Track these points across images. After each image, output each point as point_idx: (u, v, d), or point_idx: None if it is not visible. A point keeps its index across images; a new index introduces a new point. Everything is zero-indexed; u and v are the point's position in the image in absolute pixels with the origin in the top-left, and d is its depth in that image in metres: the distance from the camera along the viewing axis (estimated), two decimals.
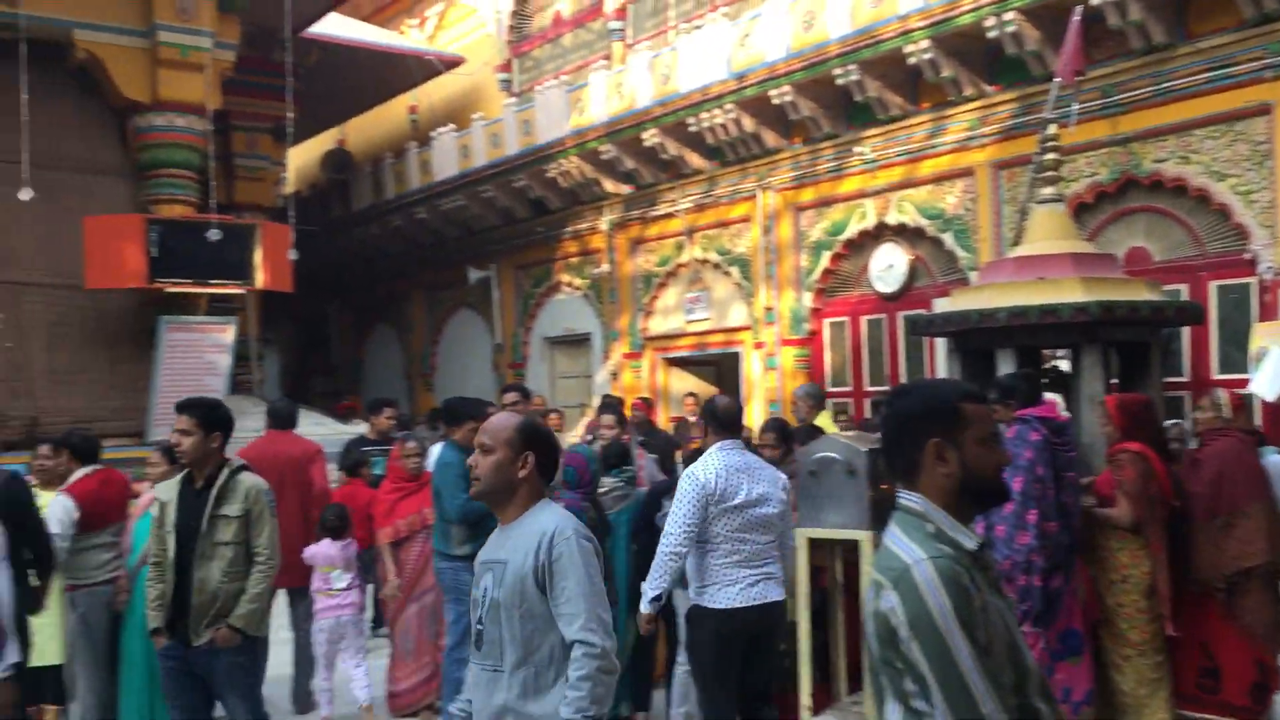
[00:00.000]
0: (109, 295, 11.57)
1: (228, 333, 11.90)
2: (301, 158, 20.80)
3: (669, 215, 14.12)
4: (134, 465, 8.44)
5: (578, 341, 16.19)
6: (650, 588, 4.83)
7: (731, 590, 4.75)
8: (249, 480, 4.59)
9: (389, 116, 19.60)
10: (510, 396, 6.83)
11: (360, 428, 10.59)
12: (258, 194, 16.02)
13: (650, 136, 13.35)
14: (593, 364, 15.82)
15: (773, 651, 5.03)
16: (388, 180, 18.29)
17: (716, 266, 13.67)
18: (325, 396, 20.73)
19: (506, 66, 17.80)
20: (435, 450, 6.84)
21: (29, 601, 5.10)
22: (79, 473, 5.93)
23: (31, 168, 10.32)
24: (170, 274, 11.19)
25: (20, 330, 11.01)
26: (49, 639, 5.74)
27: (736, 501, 4.73)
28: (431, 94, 18.66)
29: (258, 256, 11.66)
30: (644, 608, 4.90)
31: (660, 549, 4.79)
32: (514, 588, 2.90)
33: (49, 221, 11.12)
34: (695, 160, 13.45)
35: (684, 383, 14.27)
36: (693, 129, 12.88)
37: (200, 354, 11.66)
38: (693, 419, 7.46)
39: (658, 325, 14.65)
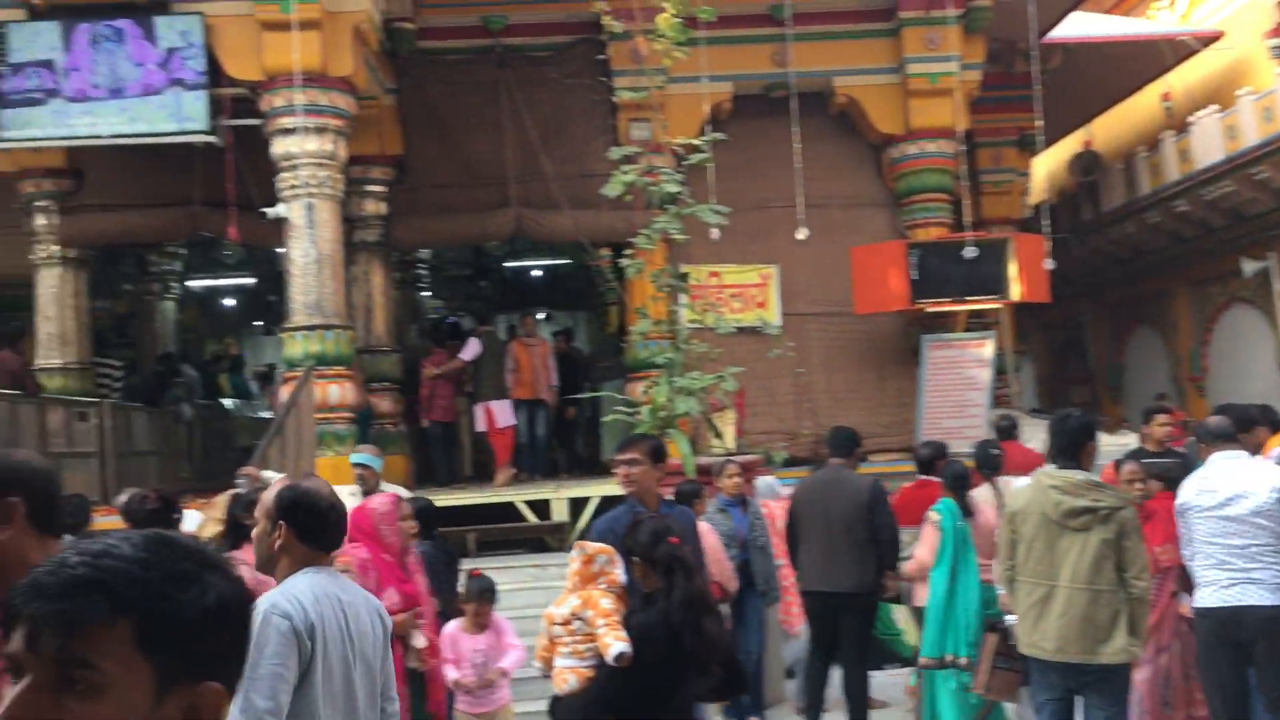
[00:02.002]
0: (875, 318, 12.39)
1: (987, 347, 12.07)
2: (1046, 165, 20.49)
3: None
4: (898, 478, 9.12)
5: None
6: None
7: (1206, 591, 5.10)
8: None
9: (1137, 108, 18.48)
10: None
11: (1130, 438, 10.07)
12: (1005, 207, 16.09)
13: None
14: None
15: (1271, 660, 5.05)
16: (1141, 175, 17.27)
17: None
18: (1084, 406, 20.13)
19: (1278, 31, 15.82)
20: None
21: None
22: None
23: (806, 208, 11.44)
24: (929, 294, 11.64)
25: (805, 357, 12.23)
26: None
27: (1209, 505, 5.08)
28: (1186, 77, 17.24)
29: (1012, 269, 11.66)
30: None
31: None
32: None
33: (822, 256, 12.23)
34: None
35: None
36: None
37: (961, 370, 11.97)
38: None
39: None
